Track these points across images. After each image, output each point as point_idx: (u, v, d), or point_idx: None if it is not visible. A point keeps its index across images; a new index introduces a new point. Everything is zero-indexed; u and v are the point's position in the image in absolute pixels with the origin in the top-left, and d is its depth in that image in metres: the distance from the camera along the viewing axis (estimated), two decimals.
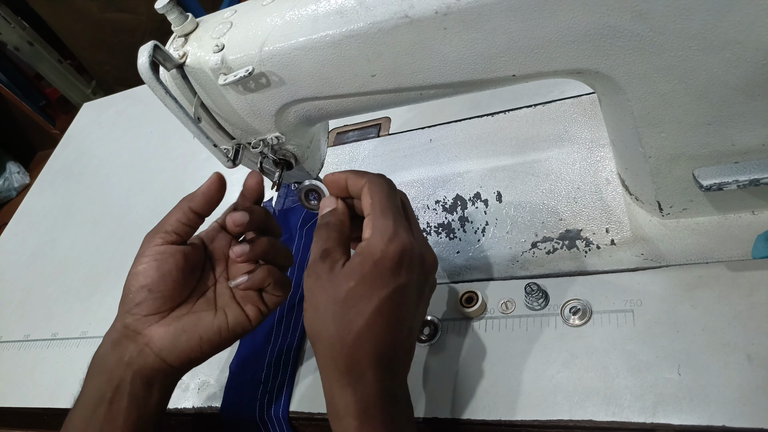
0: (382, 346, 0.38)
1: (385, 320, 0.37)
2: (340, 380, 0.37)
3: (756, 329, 0.41)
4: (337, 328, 0.37)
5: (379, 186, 0.41)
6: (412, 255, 0.39)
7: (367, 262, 0.37)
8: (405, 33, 0.38)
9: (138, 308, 0.45)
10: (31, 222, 1.00)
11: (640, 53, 0.36)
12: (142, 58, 0.39)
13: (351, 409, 0.37)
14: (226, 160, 0.49)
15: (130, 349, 0.44)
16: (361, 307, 0.37)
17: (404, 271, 0.38)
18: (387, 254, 0.37)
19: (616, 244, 0.50)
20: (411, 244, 0.39)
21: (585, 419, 0.42)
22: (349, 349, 0.37)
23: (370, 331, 0.37)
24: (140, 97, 1.12)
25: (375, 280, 0.37)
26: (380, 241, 0.38)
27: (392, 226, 0.38)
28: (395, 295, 0.38)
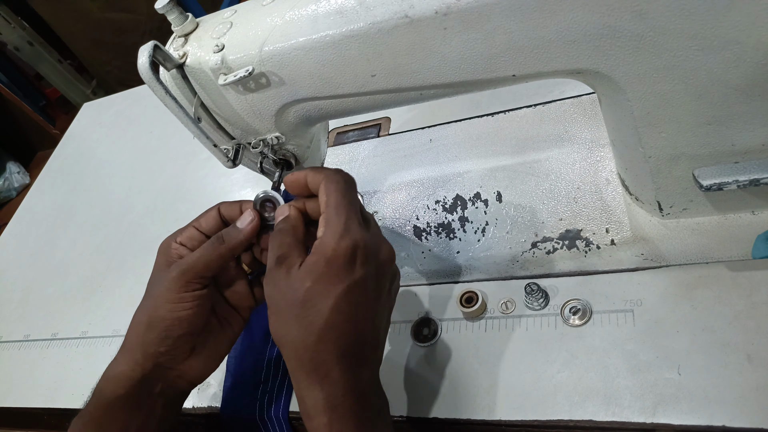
0: (344, 343, 0.38)
1: (345, 317, 0.38)
2: (307, 380, 0.38)
3: (756, 329, 0.41)
4: (299, 330, 0.38)
5: (335, 183, 0.41)
6: (365, 249, 0.39)
7: (320, 261, 0.38)
8: (405, 33, 0.38)
9: (169, 354, 0.45)
10: (31, 222, 1.00)
11: (640, 53, 0.36)
12: (142, 58, 0.39)
13: (320, 408, 0.37)
14: (226, 160, 0.49)
15: (161, 383, 0.45)
16: (319, 306, 0.37)
17: (358, 266, 0.38)
18: (338, 251, 0.38)
19: (616, 244, 0.50)
20: (363, 238, 0.39)
21: (585, 419, 0.42)
22: (313, 349, 0.37)
23: (331, 329, 0.37)
24: (140, 97, 1.12)
25: (330, 278, 0.38)
26: (331, 239, 0.38)
27: (343, 222, 0.39)
28: (352, 291, 0.38)
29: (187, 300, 0.44)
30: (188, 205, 0.82)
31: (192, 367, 0.46)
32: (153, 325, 0.44)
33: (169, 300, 0.44)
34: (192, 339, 0.45)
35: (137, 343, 0.44)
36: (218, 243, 0.45)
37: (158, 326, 0.44)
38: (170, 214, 0.83)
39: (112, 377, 0.45)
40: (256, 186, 0.78)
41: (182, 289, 0.44)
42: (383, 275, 0.41)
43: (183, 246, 0.47)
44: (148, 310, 0.45)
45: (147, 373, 0.44)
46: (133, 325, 0.46)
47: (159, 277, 0.46)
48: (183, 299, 0.44)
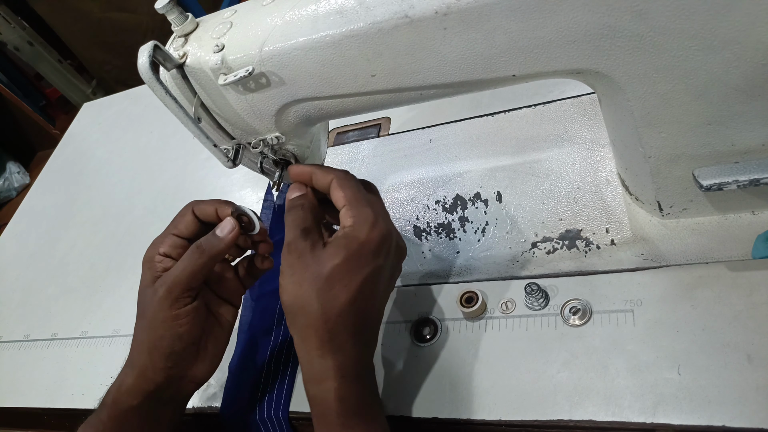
0: (360, 320, 0.41)
1: (364, 297, 0.41)
2: (321, 349, 0.40)
3: (756, 329, 0.41)
4: (321, 303, 0.40)
5: (349, 180, 0.44)
6: (390, 241, 0.42)
7: (353, 243, 0.40)
8: (405, 33, 0.38)
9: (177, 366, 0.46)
10: (31, 222, 1.00)
11: (640, 53, 0.36)
12: (142, 58, 0.39)
13: (331, 374, 0.40)
14: (226, 160, 0.49)
15: (171, 389, 0.47)
16: (345, 283, 0.40)
17: (383, 254, 0.42)
18: (371, 238, 0.41)
19: (616, 244, 0.50)
20: (390, 230, 0.42)
21: (585, 419, 0.42)
22: (333, 321, 0.40)
23: (352, 306, 0.40)
24: (140, 97, 1.12)
25: (360, 260, 0.40)
26: (365, 226, 0.41)
27: (372, 214, 0.42)
28: (373, 276, 0.41)
29: (181, 316, 0.44)
30: None
31: (198, 370, 0.47)
32: (155, 345, 0.45)
33: (164, 320, 0.44)
34: (195, 346, 0.47)
35: (145, 361, 0.45)
36: (198, 253, 0.45)
37: (160, 345, 0.45)
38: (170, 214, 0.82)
39: (124, 390, 0.46)
40: (256, 186, 0.78)
41: (173, 307, 0.44)
42: (397, 267, 0.45)
43: (167, 257, 0.47)
44: (146, 330, 0.45)
45: (158, 385, 0.46)
46: (136, 344, 0.47)
47: (147, 294, 0.46)
48: (177, 316, 0.44)
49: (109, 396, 0.46)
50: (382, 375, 0.51)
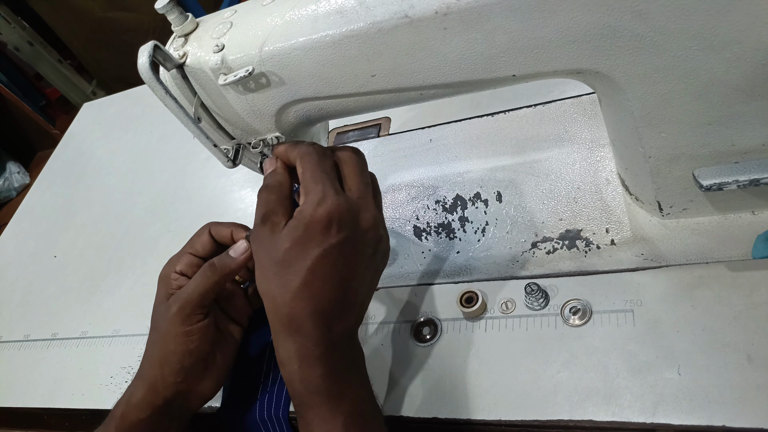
0: (318, 301, 0.41)
1: (319, 277, 0.40)
2: (283, 332, 0.41)
3: (756, 329, 0.41)
4: (278, 287, 0.41)
5: (308, 154, 0.43)
6: (341, 215, 0.41)
7: (300, 225, 0.40)
8: (405, 33, 0.38)
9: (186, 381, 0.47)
10: (31, 222, 1.00)
11: (640, 53, 0.36)
12: (142, 58, 0.39)
13: (292, 356, 0.41)
14: (226, 160, 0.49)
15: (179, 404, 0.48)
16: (295, 267, 0.40)
17: (334, 230, 0.40)
18: (316, 217, 0.40)
19: (616, 244, 0.50)
20: (339, 205, 0.41)
21: (585, 419, 0.42)
22: (289, 305, 0.40)
23: (306, 288, 0.40)
24: (140, 97, 1.12)
25: (307, 242, 0.40)
26: (310, 206, 0.40)
27: (321, 190, 0.41)
28: (328, 255, 0.40)
29: (193, 333, 0.46)
30: (188, 205, 0.82)
31: (205, 386, 0.49)
32: (166, 360, 0.46)
33: (176, 335, 0.46)
34: (203, 363, 0.48)
35: (155, 375, 0.47)
36: (211, 272, 0.46)
37: (171, 360, 0.46)
38: (170, 214, 0.83)
39: (134, 404, 0.47)
40: (256, 186, 0.78)
41: (185, 324, 0.46)
42: (362, 241, 0.43)
43: (183, 276, 0.49)
44: (158, 345, 0.47)
45: (167, 400, 0.47)
46: (148, 358, 0.48)
47: (160, 310, 0.48)
48: (189, 333, 0.46)
49: (118, 409, 0.47)
50: (382, 375, 0.51)
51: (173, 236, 0.79)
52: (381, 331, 0.54)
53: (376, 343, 0.53)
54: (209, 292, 0.46)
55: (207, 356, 0.48)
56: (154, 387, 0.47)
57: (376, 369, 0.52)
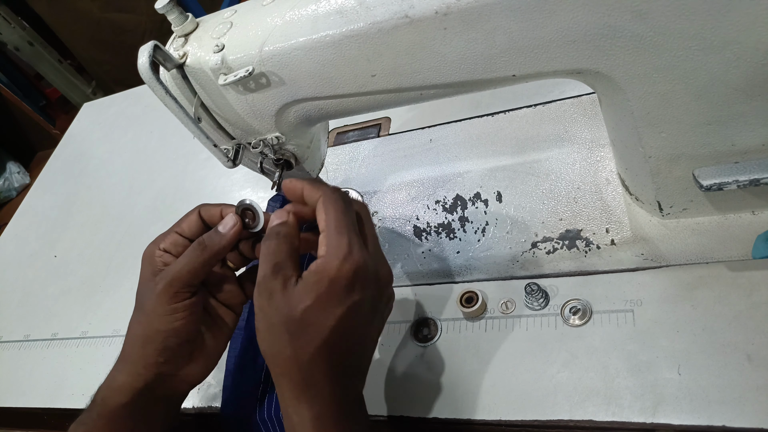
0: (337, 363, 0.38)
1: (340, 338, 0.38)
2: (297, 397, 0.38)
3: (756, 329, 0.41)
4: (294, 348, 0.37)
5: (334, 201, 0.40)
6: (366, 272, 0.39)
7: (323, 281, 0.37)
8: (405, 33, 0.38)
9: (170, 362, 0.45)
10: (31, 222, 1.00)
11: (640, 53, 0.36)
12: (142, 58, 0.39)
13: (307, 426, 0.38)
14: (226, 160, 0.49)
15: (163, 390, 0.45)
16: (317, 326, 0.37)
17: (358, 288, 0.38)
18: (342, 273, 0.37)
19: (616, 244, 0.50)
20: (365, 261, 0.39)
21: (585, 419, 0.42)
22: (306, 368, 0.38)
23: (326, 349, 0.38)
24: (140, 97, 1.12)
25: (330, 300, 0.37)
26: (335, 260, 0.37)
27: (347, 244, 0.38)
28: (350, 313, 0.38)
29: (179, 311, 0.44)
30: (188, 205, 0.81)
31: (192, 370, 0.46)
32: (150, 339, 0.44)
33: (161, 313, 0.43)
34: (190, 345, 0.45)
35: (137, 356, 0.44)
36: (200, 249, 0.44)
37: (155, 339, 0.44)
38: (170, 214, 0.83)
39: (115, 388, 0.45)
40: (256, 186, 0.78)
41: (172, 301, 0.43)
42: (380, 297, 0.41)
43: (167, 253, 0.46)
44: (142, 323, 0.45)
45: (149, 382, 0.44)
46: (130, 338, 0.46)
47: (146, 288, 0.46)
48: (175, 310, 0.43)
49: (99, 394, 0.46)
50: (382, 375, 0.51)
51: None
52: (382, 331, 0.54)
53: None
54: (198, 270, 0.44)
55: (194, 338, 0.46)
56: (135, 369, 0.44)
57: (376, 369, 0.52)
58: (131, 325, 0.46)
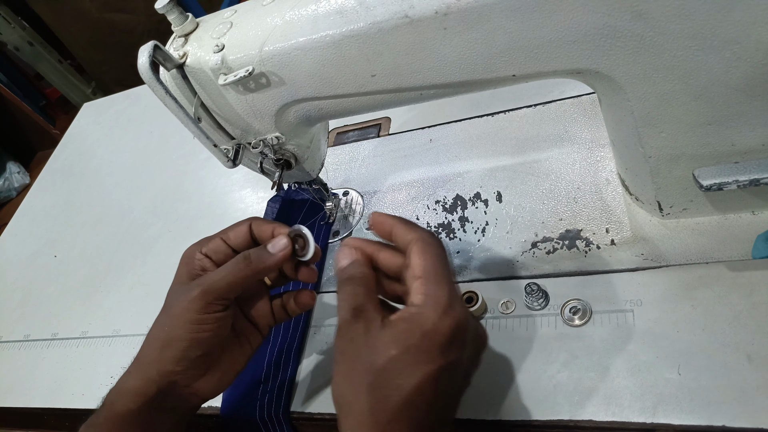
0: (418, 424, 0.34)
1: (426, 399, 0.33)
2: None
3: (756, 329, 0.41)
4: (370, 401, 0.33)
5: (433, 247, 0.37)
6: (467, 331, 0.35)
7: (416, 332, 0.34)
8: (405, 33, 0.38)
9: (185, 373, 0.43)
10: (31, 222, 1.00)
11: (640, 53, 0.36)
12: (143, 58, 0.39)
13: None
14: (226, 160, 0.49)
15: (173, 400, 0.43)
16: (400, 381, 0.33)
17: (455, 348, 0.34)
18: (439, 328, 0.33)
19: (616, 244, 0.50)
20: (467, 318, 0.35)
21: (585, 419, 0.42)
22: (383, 426, 0.33)
23: (408, 409, 0.33)
24: (140, 97, 1.12)
25: (421, 354, 0.33)
26: (433, 312, 0.34)
27: (447, 296, 0.35)
28: (442, 373, 0.34)
29: (208, 322, 0.42)
30: (188, 205, 0.82)
31: (206, 385, 0.44)
32: (170, 344, 0.42)
33: (188, 320, 0.41)
34: (209, 358, 0.43)
35: (153, 359, 0.42)
36: (245, 264, 0.42)
37: (175, 346, 0.42)
38: (170, 214, 0.83)
39: (124, 391, 0.43)
40: (256, 186, 0.78)
41: (203, 310, 0.41)
42: (475, 361, 0.38)
43: (207, 258, 0.45)
44: (165, 327, 0.42)
45: (160, 390, 0.42)
46: (150, 340, 0.44)
47: (179, 291, 0.44)
48: (203, 321, 0.41)
49: (110, 396, 0.44)
50: None
51: (173, 236, 0.79)
52: None
53: None
54: (237, 285, 0.42)
55: (214, 353, 0.44)
56: (147, 373, 0.42)
57: None
58: (153, 327, 0.44)
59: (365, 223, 0.65)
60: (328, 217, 0.66)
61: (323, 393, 0.52)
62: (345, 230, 0.65)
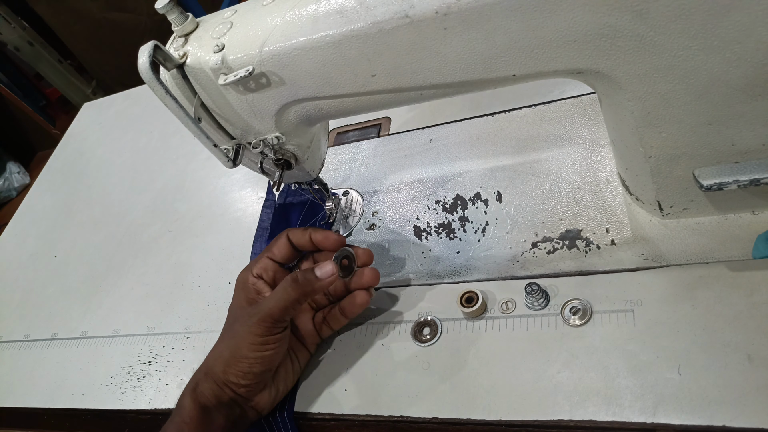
0: None
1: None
2: None
3: (756, 329, 0.41)
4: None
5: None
6: None
7: None
8: (405, 33, 0.38)
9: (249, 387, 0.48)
10: (31, 222, 1.00)
11: (640, 53, 0.36)
12: (143, 58, 0.39)
13: None
14: (226, 160, 0.49)
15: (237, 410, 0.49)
16: None
17: None
18: None
19: (617, 244, 0.50)
20: None
21: (585, 419, 0.42)
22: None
23: None
24: (140, 97, 1.12)
25: None
26: None
27: None
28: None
29: (269, 342, 0.47)
30: (188, 205, 0.82)
31: (264, 399, 0.50)
32: (235, 362, 0.47)
33: (252, 342, 0.47)
34: (271, 373, 0.49)
35: (221, 372, 0.48)
36: (293, 288, 0.47)
37: (241, 364, 0.47)
38: (170, 214, 0.83)
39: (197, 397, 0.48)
40: (256, 186, 0.78)
41: (264, 334, 0.47)
42: None
43: (260, 279, 0.51)
44: (230, 346, 0.48)
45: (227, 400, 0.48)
46: (215, 356, 0.49)
47: (240, 315, 0.50)
48: (266, 342, 0.47)
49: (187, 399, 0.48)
50: (382, 375, 0.51)
51: (173, 236, 0.79)
52: (381, 331, 0.54)
53: (376, 343, 0.53)
54: (290, 309, 0.47)
55: (273, 369, 0.49)
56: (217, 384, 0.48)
57: (376, 369, 0.52)
58: (218, 345, 0.50)
59: (365, 223, 0.65)
60: (328, 217, 0.66)
61: (323, 393, 0.52)
62: (345, 230, 0.65)
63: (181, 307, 0.69)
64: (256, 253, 0.68)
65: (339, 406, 0.51)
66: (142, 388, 0.63)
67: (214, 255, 0.72)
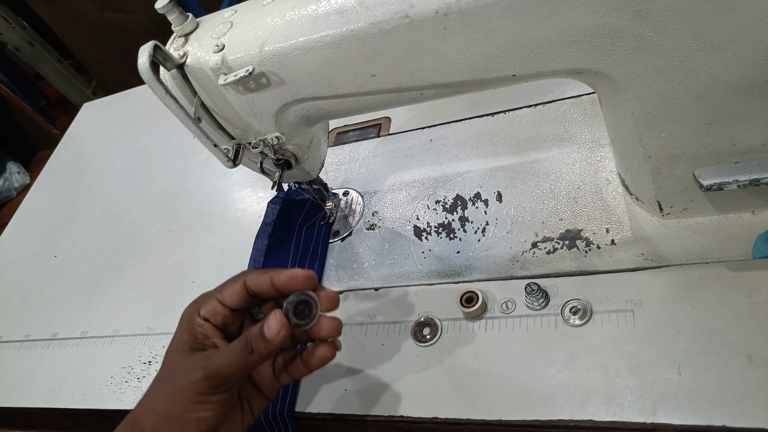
0: None
1: None
2: None
3: (756, 329, 0.41)
4: None
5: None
6: None
7: None
8: (405, 33, 0.38)
9: None
10: (31, 222, 1.00)
11: (640, 53, 0.36)
12: (143, 58, 0.39)
13: None
14: (226, 160, 0.49)
15: None
16: None
17: None
18: None
19: (617, 244, 0.50)
20: None
21: (585, 419, 0.42)
22: None
23: None
24: (140, 97, 1.12)
25: None
26: None
27: None
28: None
29: (209, 402, 0.40)
30: (188, 205, 0.82)
31: None
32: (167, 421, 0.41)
33: (189, 399, 0.40)
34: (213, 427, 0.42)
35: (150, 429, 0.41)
36: (247, 352, 0.41)
37: (173, 424, 0.40)
38: (170, 214, 0.83)
39: None
40: (256, 186, 0.78)
41: (205, 392, 0.40)
42: None
43: (207, 322, 0.44)
44: (164, 400, 0.41)
45: None
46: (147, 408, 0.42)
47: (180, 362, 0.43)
48: (205, 401, 0.40)
49: None
50: (382, 375, 0.51)
51: (173, 236, 0.79)
52: (381, 331, 0.54)
53: (376, 343, 0.53)
54: (241, 371, 0.41)
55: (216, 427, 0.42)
56: None
57: (376, 369, 0.52)
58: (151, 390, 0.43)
59: (365, 223, 0.65)
60: (328, 217, 0.66)
61: (323, 393, 0.52)
62: (345, 230, 0.65)
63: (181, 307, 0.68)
64: (257, 250, 0.67)
65: (339, 406, 0.51)
66: (142, 388, 0.63)
67: (214, 255, 0.72)
